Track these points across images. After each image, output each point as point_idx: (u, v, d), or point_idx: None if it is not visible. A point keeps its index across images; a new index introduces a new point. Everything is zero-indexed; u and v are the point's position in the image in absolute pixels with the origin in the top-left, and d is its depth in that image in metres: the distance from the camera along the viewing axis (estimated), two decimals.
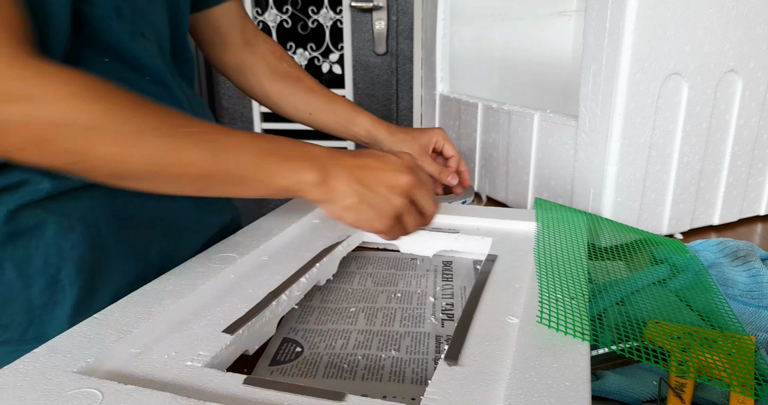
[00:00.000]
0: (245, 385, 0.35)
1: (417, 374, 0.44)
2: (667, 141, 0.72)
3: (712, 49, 0.70)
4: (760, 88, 0.75)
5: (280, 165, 0.44)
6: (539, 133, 0.83)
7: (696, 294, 0.54)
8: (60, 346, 0.38)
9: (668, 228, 0.77)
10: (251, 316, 0.44)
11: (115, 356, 0.38)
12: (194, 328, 0.42)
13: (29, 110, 0.37)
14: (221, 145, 0.43)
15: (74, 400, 0.32)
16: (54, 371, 0.35)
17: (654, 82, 0.68)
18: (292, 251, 0.57)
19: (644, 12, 0.64)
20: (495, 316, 0.44)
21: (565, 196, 0.79)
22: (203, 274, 0.49)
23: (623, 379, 0.42)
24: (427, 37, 1.12)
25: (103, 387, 0.33)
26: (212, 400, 0.32)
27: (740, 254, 0.59)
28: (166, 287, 0.47)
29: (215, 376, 0.36)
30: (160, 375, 0.36)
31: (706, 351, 0.43)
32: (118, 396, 0.32)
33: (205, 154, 0.42)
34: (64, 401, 0.32)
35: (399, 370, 0.44)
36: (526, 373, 0.35)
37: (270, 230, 0.60)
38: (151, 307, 0.43)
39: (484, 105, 0.96)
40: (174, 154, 0.41)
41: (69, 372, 0.35)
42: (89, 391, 0.33)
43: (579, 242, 0.58)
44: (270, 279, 0.51)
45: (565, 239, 0.58)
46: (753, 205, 0.83)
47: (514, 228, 0.64)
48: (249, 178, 0.44)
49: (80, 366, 0.36)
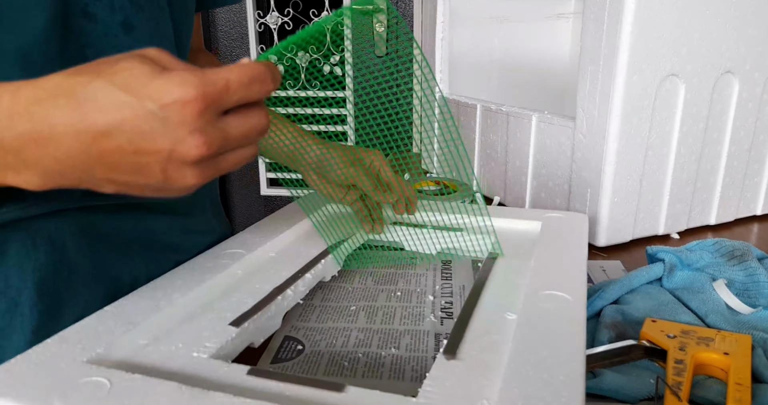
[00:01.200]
0: (249, 376, 0.35)
1: (416, 372, 0.44)
2: (664, 142, 0.73)
3: (708, 51, 0.71)
4: (756, 89, 0.76)
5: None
6: (537, 134, 0.84)
7: (691, 292, 0.55)
8: (71, 337, 0.39)
9: (665, 228, 0.77)
10: (257, 309, 0.45)
11: (124, 347, 0.39)
12: (201, 320, 0.43)
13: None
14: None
15: (84, 388, 0.33)
16: (64, 360, 0.36)
17: (651, 83, 0.68)
18: (298, 248, 0.59)
19: (641, 14, 0.65)
20: (494, 312, 0.44)
21: (563, 197, 0.80)
22: (211, 269, 0.50)
23: (621, 378, 0.42)
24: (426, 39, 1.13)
25: (111, 376, 0.34)
26: (217, 389, 0.33)
27: (736, 254, 0.59)
28: (175, 282, 0.48)
29: (220, 367, 0.37)
30: (167, 365, 0.37)
31: (703, 349, 0.44)
32: (126, 385, 0.33)
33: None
34: (75, 389, 0.33)
35: (399, 368, 0.45)
36: (521, 368, 0.35)
37: (277, 227, 0.62)
38: (160, 301, 0.44)
39: (483, 106, 0.97)
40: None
41: (79, 361, 0.36)
42: (98, 380, 0.34)
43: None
44: (276, 275, 0.52)
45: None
46: (749, 205, 0.84)
47: (516, 227, 0.65)
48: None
49: (90, 356, 0.37)
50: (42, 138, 0.31)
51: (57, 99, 0.30)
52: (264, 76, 0.32)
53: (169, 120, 0.30)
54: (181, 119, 0.30)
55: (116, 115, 0.30)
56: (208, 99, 0.30)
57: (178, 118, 0.30)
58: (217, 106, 0.31)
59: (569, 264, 0.52)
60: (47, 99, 0.31)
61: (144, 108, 0.30)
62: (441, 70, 1.12)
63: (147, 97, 0.29)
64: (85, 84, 0.30)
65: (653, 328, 0.47)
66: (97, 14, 0.45)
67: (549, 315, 0.42)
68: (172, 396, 0.32)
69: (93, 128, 0.30)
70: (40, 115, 0.31)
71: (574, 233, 0.60)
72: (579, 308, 0.43)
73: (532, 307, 0.43)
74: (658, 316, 0.51)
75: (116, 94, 0.30)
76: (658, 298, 0.55)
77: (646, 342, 0.46)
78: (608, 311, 0.52)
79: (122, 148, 0.30)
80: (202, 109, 0.30)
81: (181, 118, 0.30)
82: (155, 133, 0.30)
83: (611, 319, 0.50)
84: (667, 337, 0.46)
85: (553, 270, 0.50)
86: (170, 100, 0.29)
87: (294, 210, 0.69)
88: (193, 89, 0.29)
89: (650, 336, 0.46)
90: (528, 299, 0.45)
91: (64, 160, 0.31)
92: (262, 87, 0.32)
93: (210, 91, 0.30)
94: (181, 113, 0.30)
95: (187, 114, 0.30)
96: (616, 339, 0.48)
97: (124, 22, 0.46)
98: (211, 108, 0.30)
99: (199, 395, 0.32)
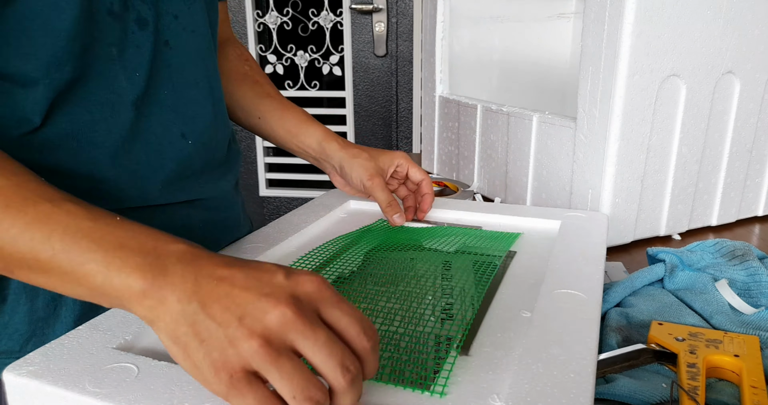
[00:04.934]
0: None
1: (416, 374, 0.44)
2: (665, 142, 0.72)
3: (709, 51, 0.70)
4: (758, 89, 0.76)
5: (97, 253, 0.32)
6: (538, 135, 0.83)
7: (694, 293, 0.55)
8: (101, 325, 0.41)
9: (666, 229, 0.77)
10: None
11: (151, 335, 0.41)
12: None
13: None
14: (29, 215, 0.33)
15: (113, 373, 0.35)
16: (95, 347, 0.38)
17: (652, 83, 0.68)
18: (318, 243, 0.60)
19: (642, 14, 0.64)
20: (509, 309, 0.45)
21: (564, 197, 0.79)
22: None
23: (634, 383, 0.42)
24: (427, 39, 1.13)
25: (139, 362, 0.36)
26: None
27: (737, 254, 0.59)
28: None
29: None
30: None
31: (713, 352, 0.43)
32: (152, 371, 0.35)
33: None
34: (104, 374, 0.35)
35: (399, 370, 0.45)
36: (532, 364, 0.36)
37: (298, 224, 0.64)
38: None
39: (484, 107, 0.97)
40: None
41: (109, 348, 0.38)
42: (126, 366, 0.36)
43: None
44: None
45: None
46: (751, 205, 0.84)
47: (534, 226, 0.65)
48: (49, 264, 0.32)
49: (119, 343, 0.39)
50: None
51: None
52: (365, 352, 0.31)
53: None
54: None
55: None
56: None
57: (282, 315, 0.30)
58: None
59: (586, 263, 0.52)
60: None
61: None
62: (441, 70, 1.12)
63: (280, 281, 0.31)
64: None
65: (661, 331, 0.47)
66: (119, 12, 0.47)
67: (563, 313, 0.42)
68: (195, 383, 0.34)
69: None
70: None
71: (593, 233, 0.60)
72: (594, 307, 0.43)
73: (547, 305, 0.44)
74: (663, 318, 0.51)
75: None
76: (661, 299, 0.54)
77: (655, 345, 0.46)
78: (613, 314, 0.52)
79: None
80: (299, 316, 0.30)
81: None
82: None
83: (617, 323, 0.50)
84: (675, 340, 0.45)
85: (570, 269, 0.50)
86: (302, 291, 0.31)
87: (315, 205, 0.71)
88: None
89: (659, 339, 0.46)
90: (543, 297, 0.45)
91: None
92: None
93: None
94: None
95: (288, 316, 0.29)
96: (623, 342, 0.48)
97: (138, 19, 0.48)
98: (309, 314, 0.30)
99: None
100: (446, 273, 0.63)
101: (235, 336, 0.28)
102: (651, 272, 0.58)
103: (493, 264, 0.55)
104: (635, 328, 0.50)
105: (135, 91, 0.49)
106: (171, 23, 0.52)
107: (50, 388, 0.34)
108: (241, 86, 0.70)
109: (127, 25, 0.48)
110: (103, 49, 0.46)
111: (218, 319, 0.29)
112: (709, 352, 0.43)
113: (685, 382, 0.41)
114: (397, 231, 0.66)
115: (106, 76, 0.47)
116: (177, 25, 0.52)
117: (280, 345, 0.28)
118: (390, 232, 0.66)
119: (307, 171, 2.22)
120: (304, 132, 0.68)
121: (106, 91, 0.47)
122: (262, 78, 0.72)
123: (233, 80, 0.71)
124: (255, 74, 0.72)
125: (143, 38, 0.49)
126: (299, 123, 0.68)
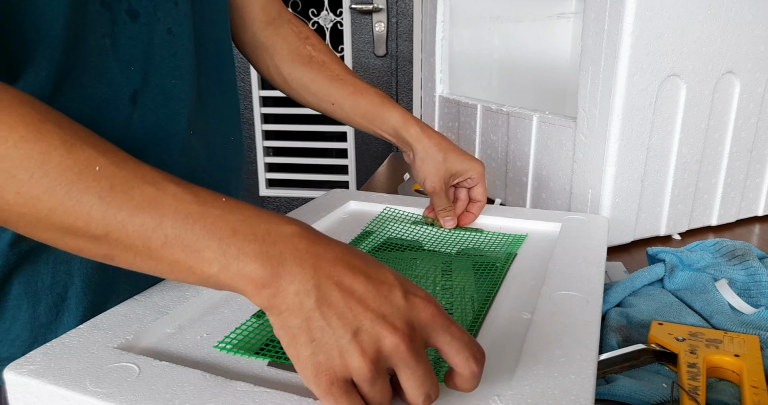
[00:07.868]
0: (269, 368, 0.38)
1: None
2: (665, 142, 0.72)
3: (710, 51, 0.70)
4: (757, 89, 0.76)
5: (211, 241, 0.31)
6: (538, 135, 0.84)
7: (694, 293, 0.55)
8: (102, 324, 0.41)
9: (666, 229, 0.77)
10: None
11: (152, 335, 0.41)
12: (226, 312, 0.45)
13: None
14: (136, 199, 0.31)
15: (114, 372, 0.35)
16: (96, 346, 0.38)
17: (652, 83, 0.68)
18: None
19: (642, 14, 0.64)
20: (509, 311, 0.45)
21: (564, 197, 0.79)
22: None
23: (634, 383, 0.42)
24: (427, 39, 1.13)
25: (140, 362, 0.36)
26: (238, 379, 0.35)
27: (737, 253, 0.59)
28: None
29: (242, 358, 0.39)
30: (192, 354, 0.39)
31: (714, 352, 0.43)
32: (153, 371, 0.35)
33: (104, 206, 0.30)
34: (105, 373, 0.35)
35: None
36: (533, 366, 0.36)
37: (309, 219, 0.64)
38: (187, 291, 0.46)
39: (483, 106, 0.97)
40: (61, 196, 0.30)
41: (110, 347, 0.38)
42: (127, 365, 0.36)
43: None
44: None
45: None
46: (751, 205, 0.84)
47: (535, 228, 0.65)
48: (160, 252, 0.31)
49: (120, 342, 0.39)
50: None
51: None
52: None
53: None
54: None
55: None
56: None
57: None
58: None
59: (587, 265, 0.52)
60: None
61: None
62: (441, 69, 1.12)
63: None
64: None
65: (661, 331, 0.47)
66: (110, 2, 0.46)
67: (564, 315, 0.42)
68: (196, 384, 0.34)
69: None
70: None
71: (594, 235, 0.60)
72: (594, 309, 0.43)
73: (548, 307, 0.44)
74: (663, 318, 0.51)
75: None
76: (661, 299, 0.54)
77: (655, 345, 0.46)
78: (613, 314, 0.52)
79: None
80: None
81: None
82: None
83: (617, 323, 0.50)
84: (675, 340, 0.45)
85: (571, 271, 0.51)
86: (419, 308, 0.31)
87: (316, 206, 0.70)
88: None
89: (659, 339, 0.46)
90: (544, 299, 0.45)
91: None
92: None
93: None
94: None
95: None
96: (623, 342, 0.48)
97: (129, 10, 0.47)
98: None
99: (222, 384, 0.34)
100: (447, 274, 0.63)
101: (346, 349, 0.29)
102: (651, 272, 0.58)
103: (498, 266, 0.55)
104: (635, 328, 0.50)
105: (131, 85, 0.48)
106: (172, 10, 0.50)
107: (51, 388, 0.34)
108: (309, 70, 0.67)
109: (118, 15, 0.46)
110: (96, 40, 0.45)
111: (333, 324, 0.30)
112: (710, 352, 0.43)
113: (686, 382, 0.40)
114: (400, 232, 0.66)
115: (100, 70, 0.46)
116: (178, 12, 0.50)
117: (383, 366, 0.30)
118: (392, 233, 0.66)
119: (307, 171, 2.22)
120: (380, 117, 0.66)
121: (100, 85, 0.46)
122: (328, 57, 0.69)
123: (298, 64, 0.68)
124: (320, 54, 0.68)
125: (135, 29, 0.47)
126: (374, 107, 0.66)
